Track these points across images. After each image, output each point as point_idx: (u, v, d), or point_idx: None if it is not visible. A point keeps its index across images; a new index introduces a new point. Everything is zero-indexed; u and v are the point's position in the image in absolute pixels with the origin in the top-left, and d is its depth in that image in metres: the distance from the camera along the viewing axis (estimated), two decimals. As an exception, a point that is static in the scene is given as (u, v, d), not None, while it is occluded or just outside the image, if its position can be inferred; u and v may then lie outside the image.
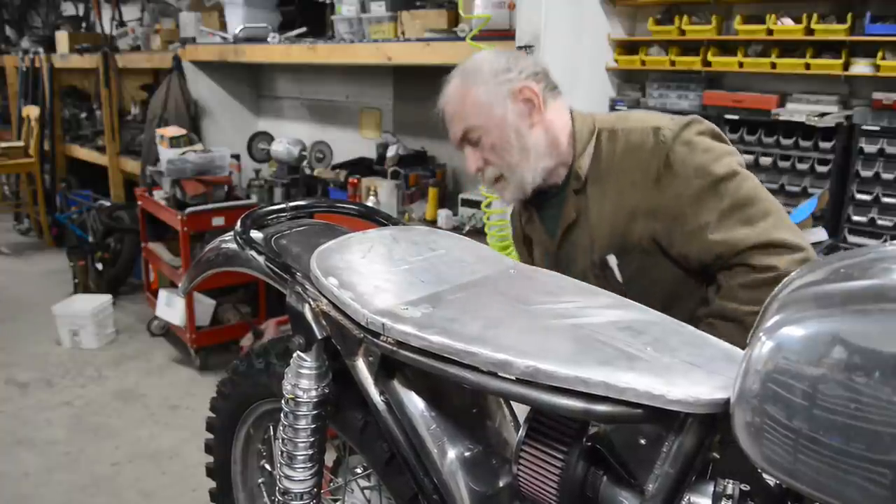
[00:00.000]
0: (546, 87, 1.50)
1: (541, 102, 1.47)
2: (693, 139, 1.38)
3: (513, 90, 1.45)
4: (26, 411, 3.36)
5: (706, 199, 1.35)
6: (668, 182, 1.38)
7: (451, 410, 1.23)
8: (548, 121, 1.48)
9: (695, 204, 1.36)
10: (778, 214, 1.36)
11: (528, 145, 1.46)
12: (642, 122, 1.45)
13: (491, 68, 1.47)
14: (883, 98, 2.09)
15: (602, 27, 2.59)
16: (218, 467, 1.73)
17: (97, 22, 6.12)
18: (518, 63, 1.49)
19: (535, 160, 1.47)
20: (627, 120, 1.49)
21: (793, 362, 0.75)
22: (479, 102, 1.46)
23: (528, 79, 1.47)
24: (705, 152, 1.37)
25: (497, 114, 1.45)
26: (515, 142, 1.46)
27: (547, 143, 1.48)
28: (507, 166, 1.48)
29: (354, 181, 3.47)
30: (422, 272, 1.24)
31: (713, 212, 1.35)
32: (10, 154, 5.94)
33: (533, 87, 1.46)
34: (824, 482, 0.72)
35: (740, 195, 1.35)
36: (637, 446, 0.99)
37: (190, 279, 1.67)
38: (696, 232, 1.36)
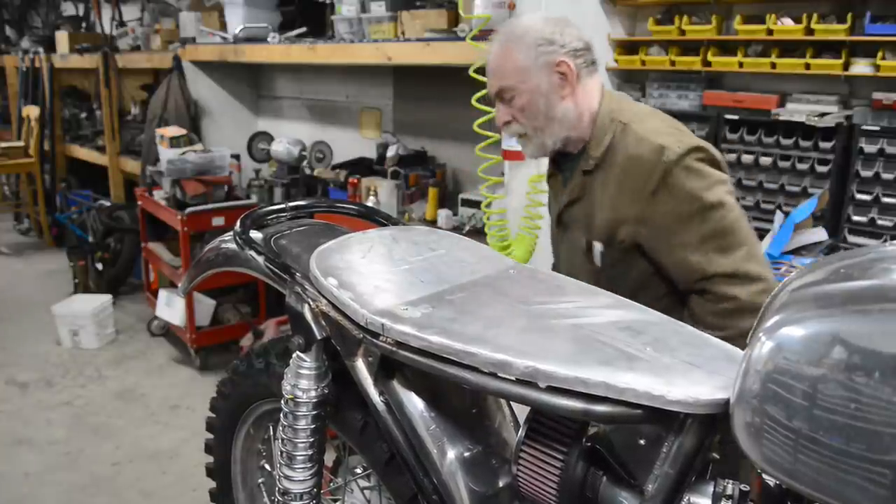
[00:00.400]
0: (584, 63, 1.58)
1: (574, 78, 1.56)
2: (693, 165, 1.47)
3: (550, 62, 1.54)
4: (26, 411, 3.36)
5: (692, 221, 1.46)
6: (663, 199, 1.47)
7: (450, 411, 1.23)
8: (578, 96, 1.57)
9: (681, 223, 1.47)
10: (751, 247, 1.48)
11: (555, 114, 1.56)
12: (654, 133, 1.51)
13: (535, 37, 1.56)
14: (883, 98, 2.09)
15: (602, 27, 2.59)
16: (218, 467, 1.73)
17: (97, 22, 6.12)
18: (562, 36, 1.57)
19: (558, 129, 1.58)
20: (643, 122, 1.55)
21: (793, 362, 0.74)
22: (517, 66, 1.56)
23: (568, 54, 1.55)
24: (701, 179, 1.47)
25: (532, 80, 1.55)
26: (543, 108, 1.56)
27: (572, 117, 1.57)
28: (532, 128, 1.59)
29: (354, 181, 3.47)
30: (422, 272, 1.24)
31: (695, 234, 1.46)
32: (10, 154, 5.94)
33: (570, 63, 1.55)
34: (824, 482, 0.72)
35: (722, 225, 1.46)
36: (637, 446, 0.99)
37: (190, 279, 1.67)
38: (677, 248, 1.48)
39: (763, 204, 2.34)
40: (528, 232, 2.46)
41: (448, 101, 3.41)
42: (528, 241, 2.47)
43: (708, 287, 1.46)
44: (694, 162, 1.47)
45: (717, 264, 1.44)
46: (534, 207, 2.44)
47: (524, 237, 2.47)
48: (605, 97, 1.61)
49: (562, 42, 1.56)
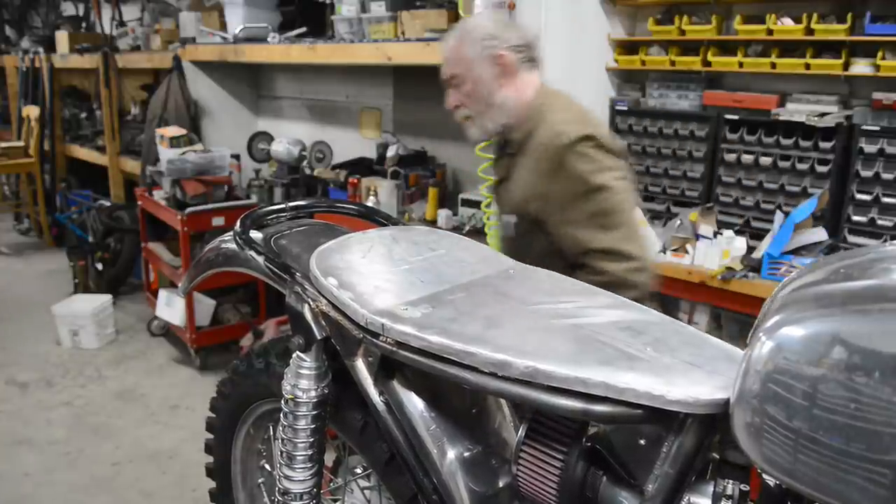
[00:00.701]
0: (523, 58, 1.79)
1: (512, 70, 1.77)
2: (584, 151, 1.66)
3: (492, 55, 1.76)
4: (26, 411, 3.36)
5: (579, 200, 1.66)
6: (559, 179, 1.68)
7: (450, 410, 1.23)
8: (516, 87, 1.78)
9: (572, 202, 1.67)
10: (630, 229, 1.66)
11: (494, 101, 1.78)
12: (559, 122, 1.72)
13: (481, 33, 1.78)
14: (883, 98, 2.09)
15: (602, 27, 2.59)
16: (218, 467, 1.73)
17: (97, 22, 6.12)
18: (505, 33, 1.79)
19: (498, 114, 1.79)
20: (556, 113, 1.75)
21: (793, 362, 0.74)
22: (465, 58, 1.78)
23: (508, 49, 1.76)
24: (590, 163, 1.66)
25: (476, 70, 1.77)
26: (485, 95, 1.78)
27: (510, 104, 1.78)
28: (475, 112, 1.82)
29: (354, 181, 3.47)
30: (422, 272, 1.24)
31: (581, 212, 1.66)
32: (10, 154, 5.94)
33: (509, 56, 1.76)
34: (824, 482, 0.72)
35: (604, 206, 1.65)
36: (637, 446, 0.99)
37: (190, 279, 1.67)
38: (566, 223, 1.69)
39: (763, 204, 2.34)
40: (528, 232, 2.46)
41: (448, 101, 3.41)
42: (528, 241, 2.47)
43: (587, 261, 1.64)
44: (585, 148, 1.66)
45: (596, 240, 1.63)
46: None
47: (524, 237, 2.47)
48: (541, 91, 1.80)
49: (504, 38, 1.77)
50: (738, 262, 2.19)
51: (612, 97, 2.68)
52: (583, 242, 1.65)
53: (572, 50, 2.48)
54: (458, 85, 1.81)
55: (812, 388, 0.72)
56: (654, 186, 2.59)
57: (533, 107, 1.77)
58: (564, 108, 1.78)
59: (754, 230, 2.35)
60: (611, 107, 2.67)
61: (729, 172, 2.40)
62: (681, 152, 2.50)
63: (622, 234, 1.64)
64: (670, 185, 2.55)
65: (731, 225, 2.38)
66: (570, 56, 2.48)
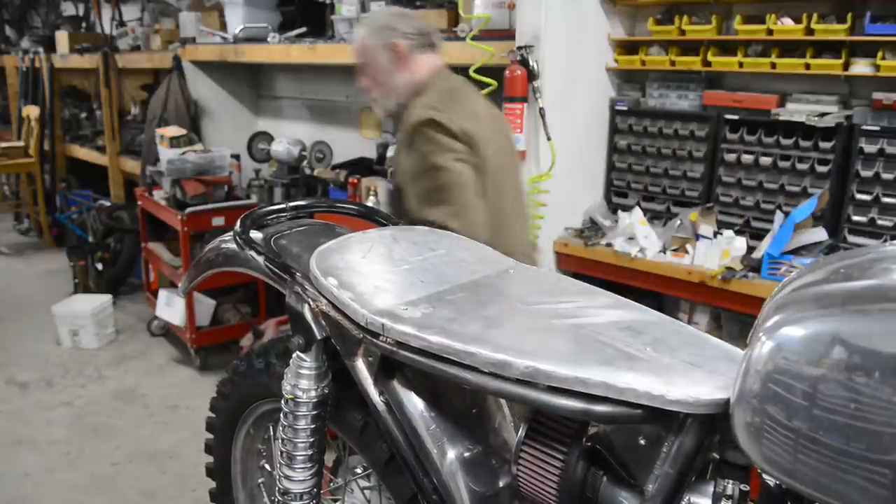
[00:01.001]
0: (416, 45, 2.02)
1: (405, 56, 2.01)
2: (428, 133, 1.87)
3: (387, 43, 2.01)
4: (26, 411, 3.36)
5: (421, 176, 1.88)
6: (410, 153, 1.91)
7: (450, 410, 1.23)
8: (410, 71, 2.02)
9: (415, 176, 1.89)
10: (460, 209, 1.84)
11: (391, 84, 2.03)
12: (419, 106, 1.93)
13: (380, 24, 2.06)
14: (883, 98, 2.09)
15: (602, 27, 2.59)
16: (218, 467, 1.73)
17: (97, 22, 6.12)
18: (399, 23, 2.04)
19: (394, 95, 2.04)
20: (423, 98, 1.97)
21: (793, 362, 0.74)
22: (367, 47, 2.05)
23: (402, 37, 2.01)
24: (431, 143, 1.86)
25: (375, 57, 2.03)
26: (384, 78, 2.03)
27: (403, 86, 2.02)
28: (378, 94, 2.07)
29: (354, 181, 3.46)
30: (422, 272, 1.24)
31: (421, 187, 1.87)
32: (10, 154, 5.93)
33: (402, 44, 2.00)
34: (824, 482, 0.72)
35: (438, 183, 1.84)
36: (637, 446, 0.99)
37: (190, 279, 1.67)
38: (410, 194, 1.90)
39: (763, 204, 2.33)
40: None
41: (448, 101, 3.40)
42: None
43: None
44: (429, 131, 1.86)
45: (426, 213, 1.83)
46: (534, 207, 2.44)
47: (524, 237, 2.47)
48: (435, 73, 2.03)
49: (397, 28, 2.02)
50: (738, 262, 2.19)
51: (612, 97, 2.68)
52: (418, 212, 1.86)
53: (572, 50, 2.48)
54: (364, 71, 2.08)
55: (812, 388, 0.72)
56: (654, 186, 2.59)
57: (420, 87, 2.01)
58: (438, 92, 1.99)
59: (754, 230, 2.35)
60: (611, 107, 2.67)
61: (729, 172, 2.40)
62: (681, 152, 2.50)
63: (450, 211, 1.82)
64: (670, 185, 2.55)
65: (731, 225, 2.38)
66: (570, 56, 2.48)
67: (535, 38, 2.36)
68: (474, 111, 1.97)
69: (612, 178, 2.70)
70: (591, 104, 2.64)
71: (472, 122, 1.91)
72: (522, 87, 2.35)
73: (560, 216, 2.57)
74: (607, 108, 2.68)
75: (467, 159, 1.88)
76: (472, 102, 2.02)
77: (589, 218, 2.66)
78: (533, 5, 2.36)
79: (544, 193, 2.43)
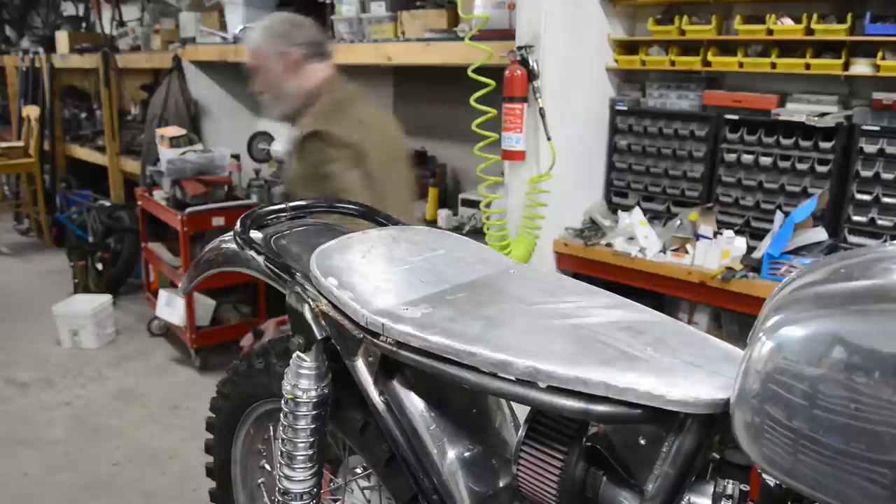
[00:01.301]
0: (309, 55, 2.14)
1: (297, 65, 2.13)
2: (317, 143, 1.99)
3: (281, 52, 2.12)
4: (26, 411, 3.36)
5: (310, 184, 2.01)
6: (300, 162, 2.04)
7: (451, 410, 1.23)
8: (302, 79, 2.14)
9: (304, 181, 2.03)
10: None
11: (283, 91, 2.15)
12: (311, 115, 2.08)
13: (275, 32, 2.16)
14: (883, 98, 2.09)
15: (602, 27, 2.59)
16: (218, 467, 1.73)
17: (97, 22, 6.12)
18: (294, 33, 2.15)
19: (286, 101, 2.17)
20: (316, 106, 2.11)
21: (793, 362, 0.74)
22: (262, 52, 2.15)
23: (295, 47, 2.12)
24: (320, 153, 2.00)
25: (269, 64, 2.14)
26: (276, 85, 2.16)
27: (295, 94, 2.14)
28: (270, 98, 2.20)
29: (354, 181, 3.46)
30: (422, 272, 1.24)
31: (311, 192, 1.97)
32: (10, 154, 5.93)
33: (294, 53, 2.12)
34: (824, 482, 0.72)
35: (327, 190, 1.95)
36: (637, 446, 0.99)
37: (190, 279, 1.67)
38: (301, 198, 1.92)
39: (763, 204, 2.33)
40: (527, 232, 2.46)
41: (448, 102, 3.41)
42: (528, 241, 2.47)
43: None
44: (316, 142, 2.00)
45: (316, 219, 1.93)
46: (533, 207, 2.44)
47: (523, 237, 2.47)
48: (327, 82, 2.15)
49: (291, 37, 2.13)
50: (738, 262, 2.19)
51: (612, 97, 2.68)
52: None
53: (572, 50, 2.48)
54: (258, 75, 2.18)
55: (812, 388, 0.72)
56: (654, 186, 2.59)
57: (311, 96, 2.13)
58: (328, 103, 2.12)
59: (754, 230, 2.35)
60: (611, 107, 2.67)
61: (729, 172, 2.40)
62: (681, 152, 2.50)
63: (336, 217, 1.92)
64: (670, 185, 2.55)
65: (731, 225, 2.38)
66: (570, 56, 2.48)
67: (534, 38, 2.36)
68: (362, 120, 2.11)
69: (612, 178, 2.70)
70: (590, 104, 2.64)
71: (360, 132, 2.04)
72: (522, 87, 2.35)
73: (560, 216, 2.57)
74: (607, 108, 2.68)
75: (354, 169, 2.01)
76: (361, 111, 2.15)
77: (589, 218, 2.66)
78: (533, 5, 2.36)
79: (544, 193, 2.43)
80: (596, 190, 2.73)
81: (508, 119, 2.38)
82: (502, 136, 2.40)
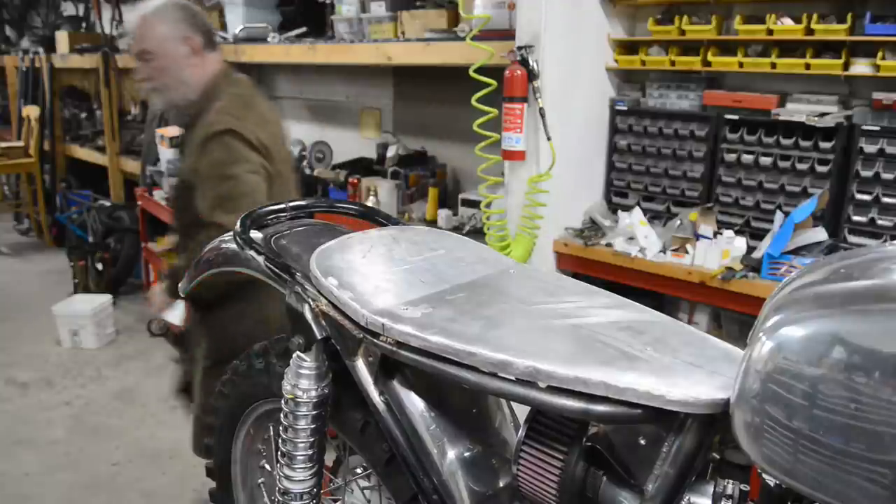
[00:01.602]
0: (205, 42, 2.08)
1: (199, 51, 2.06)
2: (226, 140, 1.96)
3: (183, 36, 2.03)
4: (26, 411, 3.36)
5: (214, 181, 1.96)
6: (204, 158, 1.98)
7: (451, 410, 1.23)
8: (199, 68, 2.07)
9: (208, 179, 1.97)
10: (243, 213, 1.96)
11: (181, 78, 2.05)
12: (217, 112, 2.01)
13: (175, 15, 2.05)
14: (883, 98, 2.09)
15: (602, 27, 2.59)
16: (218, 467, 1.73)
17: (97, 22, 6.11)
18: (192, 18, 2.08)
19: (183, 89, 2.07)
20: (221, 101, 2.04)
21: (793, 362, 0.74)
22: (160, 35, 2.03)
23: (196, 31, 2.06)
24: (227, 152, 1.96)
25: (169, 48, 2.03)
26: (174, 72, 2.05)
27: (192, 82, 2.06)
28: (163, 86, 2.08)
29: (354, 181, 3.47)
30: (422, 272, 1.24)
31: (214, 192, 1.95)
32: (10, 154, 5.93)
33: (196, 39, 2.05)
34: (824, 482, 0.72)
35: (230, 191, 1.94)
36: (637, 446, 0.99)
37: (190, 279, 1.67)
38: (202, 197, 1.98)
39: (763, 204, 2.33)
40: (527, 232, 2.46)
41: (448, 101, 3.41)
42: (527, 241, 2.47)
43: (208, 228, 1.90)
44: (227, 139, 1.95)
45: (217, 217, 1.91)
46: (533, 207, 2.44)
47: (523, 237, 2.47)
48: (220, 72, 2.10)
49: (191, 22, 2.06)
50: (738, 262, 2.19)
51: (612, 97, 2.68)
52: (207, 215, 1.94)
53: (572, 50, 2.48)
54: (149, 60, 2.05)
55: (812, 388, 0.72)
56: (654, 186, 2.59)
57: (209, 86, 2.07)
58: (232, 97, 2.07)
59: (754, 230, 2.35)
60: (611, 107, 2.67)
61: (729, 172, 2.40)
62: (681, 152, 2.50)
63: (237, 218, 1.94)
64: (670, 185, 2.55)
65: (731, 225, 2.37)
66: (570, 56, 2.48)
67: (535, 38, 2.36)
68: (264, 118, 2.08)
69: (612, 178, 2.70)
70: (590, 104, 2.64)
71: (265, 131, 2.02)
72: (522, 87, 2.35)
73: (560, 216, 2.57)
74: (607, 108, 2.67)
75: (260, 169, 2.00)
76: (262, 108, 2.11)
77: (589, 218, 2.66)
78: (533, 5, 2.36)
79: (544, 193, 2.43)
80: (596, 190, 2.73)
81: (508, 119, 2.38)
82: (502, 136, 2.40)
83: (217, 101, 2.04)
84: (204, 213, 1.96)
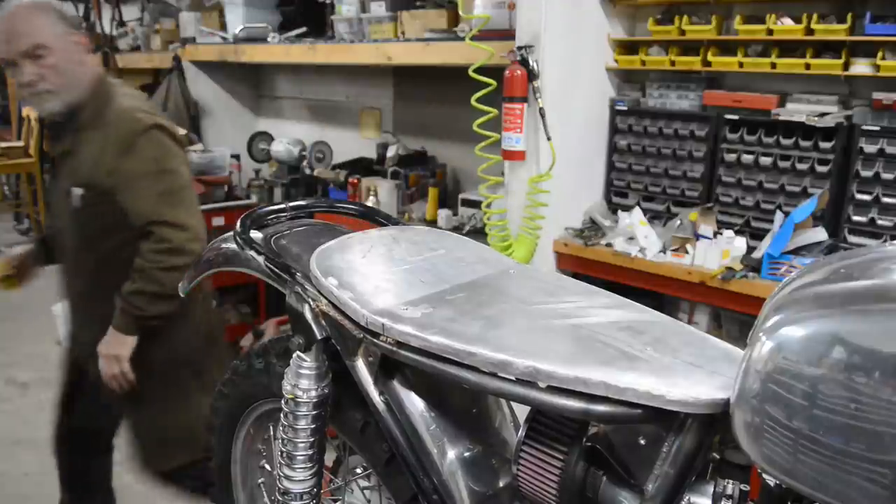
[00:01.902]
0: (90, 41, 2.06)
1: (89, 52, 2.03)
2: (156, 136, 1.94)
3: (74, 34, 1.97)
4: (26, 411, 3.36)
5: (150, 178, 1.92)
6: (131, 156, 1.91)
7: (451, 410, 1.23)
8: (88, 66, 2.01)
9: (142, 178, 1.92)
10: (188, 206, 1.98)
11: (76, 77, 1.95)
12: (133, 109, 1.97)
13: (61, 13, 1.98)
14: (883, 98, 2.09)
15: (602, 27, 2.59)
16: (218, 467, 1.73)
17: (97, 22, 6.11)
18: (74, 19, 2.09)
19: (77, 89, 1.96)
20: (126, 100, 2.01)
21: (793, 362, 0.74)
22: (55, 32, 1.92)
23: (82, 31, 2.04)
24: (159, 148, 1.95)
25: (66, 45, 1.94)
26: (69, 70, 1.94)
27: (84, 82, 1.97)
28: (58, 85, 1.93)
29: (354, 181, 3.47)
30: (422, 272, 1.24)
31: (152, 189, 1.92)
32: (10, 154, 5.93)
33: (85, 38, 2.01)
34: (824, 482, 0.72)
35: (171, 186, 1.94)
36: (637, 446, 0.99)
37: (190, 279, 1.67)
38: (137, 197, 1.92)
39: (763, 204, 2.33)
40: (528, 232, 2.46)
41: (448, 101, 3.41)
42: (529, 242, 2.47)
43: (153, 230, 1.90)
44: (156, 134, 1.94)
45: (164, 214, 1.90)
46: (534, 207, 2.44)
47: (525, 237, 2.47)
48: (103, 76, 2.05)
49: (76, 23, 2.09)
50: (738, 262, 2.19)
51: (612, 97, 2.68)
52: (151, 215, 1.90)
53: (572, 50, 2.48)
54: (41, 57, 1.91)
55: (812, 388, 0.72)
56: (654, 186, 2.59)
57: (98, 85, 1.99)
58: (130, 95, 2.06)
59: (754, 230, 2.35)
60: (611, 107, 2.67)
61: (729, 172, 2.40)
62: (681, 152, 2.50)
63: (185, 210, 1.95)
64: (670, 185, 2.55)
65: (731, 225, 2.38)
66: (570, 56, 2.48)
67: (535, 38, 2.36)
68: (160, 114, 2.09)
69: (612, 178, 2.70)
70: (590, 104, 2.64)
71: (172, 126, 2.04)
72: (522, 87, 2.35)
73: (560, 216, 2.57)
74: (607, 108, 2.67)
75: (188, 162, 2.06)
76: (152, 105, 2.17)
77: (589, 218, 2.66)
78: (533, 5, 2.36)
79: (544, 193, 2.43)
80: (596, 190, 2.73)
81: (508, 119, 2.38)
82: (502, 136, 2.40)
83: (113, 102, 1.98)
84: (145, 213, 1.91)
